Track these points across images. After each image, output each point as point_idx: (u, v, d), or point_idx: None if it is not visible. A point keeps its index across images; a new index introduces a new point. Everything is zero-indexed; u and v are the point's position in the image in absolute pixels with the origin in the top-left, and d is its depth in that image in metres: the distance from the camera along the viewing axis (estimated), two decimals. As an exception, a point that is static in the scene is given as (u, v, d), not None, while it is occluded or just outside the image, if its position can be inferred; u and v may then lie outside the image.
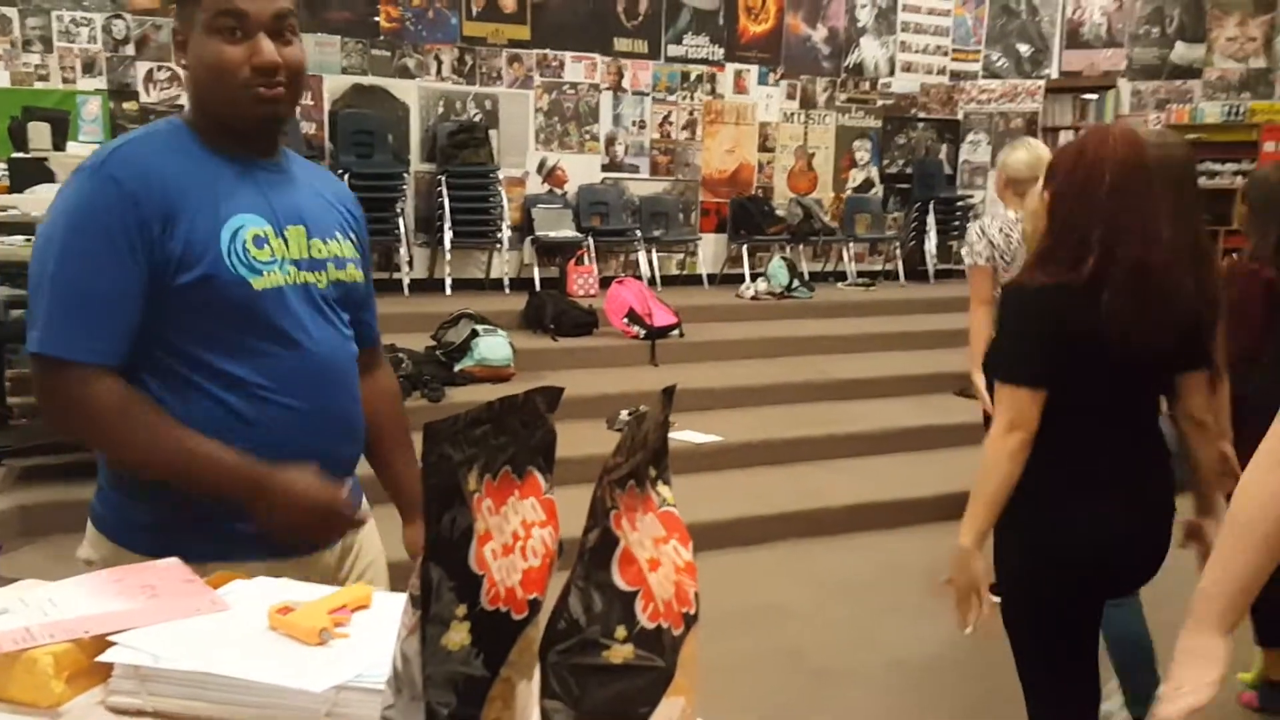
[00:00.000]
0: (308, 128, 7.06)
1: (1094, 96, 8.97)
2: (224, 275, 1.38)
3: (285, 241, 1.45)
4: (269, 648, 1.02)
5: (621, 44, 8.07)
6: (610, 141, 8.12)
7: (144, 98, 6.65)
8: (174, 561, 1.22)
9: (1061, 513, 1.89)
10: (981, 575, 1.94)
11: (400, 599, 0.85)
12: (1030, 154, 3.62)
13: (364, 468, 1.69)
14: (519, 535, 0.87)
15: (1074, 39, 9.14)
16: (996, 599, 2.05)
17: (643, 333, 6.15)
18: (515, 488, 0.89)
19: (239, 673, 0.96)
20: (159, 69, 6.69)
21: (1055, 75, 9.19)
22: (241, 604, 1.12)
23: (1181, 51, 8.77)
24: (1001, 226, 3.59)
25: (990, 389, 1.95)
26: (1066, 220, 1.85)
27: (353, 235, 1.59)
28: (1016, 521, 1.92)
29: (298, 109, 6.98)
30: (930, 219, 8.83)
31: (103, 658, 1.00)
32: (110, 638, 1.02)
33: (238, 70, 1.39)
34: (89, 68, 6.52)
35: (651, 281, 7.62)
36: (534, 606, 0.86)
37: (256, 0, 1.40)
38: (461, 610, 0.80)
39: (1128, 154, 1.83)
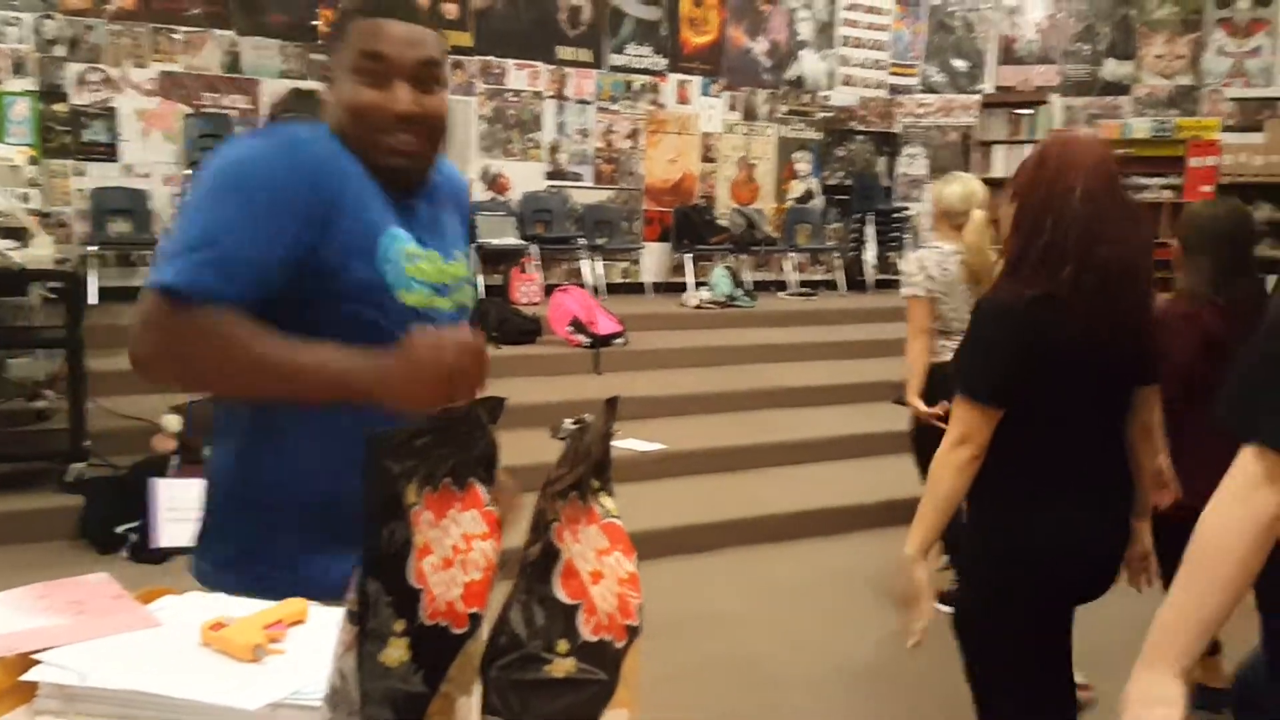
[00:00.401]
0: (244, 131, 6.94)
1: (1028, 112, 9.18)
2: (376, 280, 1.34)
3: (427, 264, 1.42)
4: (201, 665, 0.99)
5: (564, 52, 8.07)
6: (554, 149, 8.11)
7: (74, 100, 6.49)
8: (103, 577, 1.18)
9: (1033, 518, 1.90)
10: (926, 584, 1.95)
11: (339, 613, 0.84)
12: (964, 187, 3.73)
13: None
14: (459, 548, 0.86)
15: (1008, 55, 9.34)
16: (946, 609, 2.06)
17: (587, 341, 6.14)
18: (456, 499, 0.88)
19: (170, 691, 0.93)
20: (90, 71, 6.53)
21: (990, 90, 9.39)
22: (173, 620, 1.09)
23: (1112, 68, 9.01)
24: (939, 260, 3.68)
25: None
26: (1036, 228, 1.84)
27: (463, 244, 1.57)
28: (987, 528, 1.93)
29: (237, 113, 6.89)
30: (869, 230, 8.96)
31: (27, 677, 0.96)
32: (35, 656, 0.99)
33: (375, 115, 1.36)
34: (18, 68, 6.34)
35: (596, 290, 7.62)
36: (475, 621, 0.86)
37: (401, 45, 1.36)
38: (400, 625, 0.79)
39: (1097, 159, 1.86)
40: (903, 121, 9.59)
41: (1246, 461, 1.26)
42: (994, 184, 9.11)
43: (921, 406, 3.68)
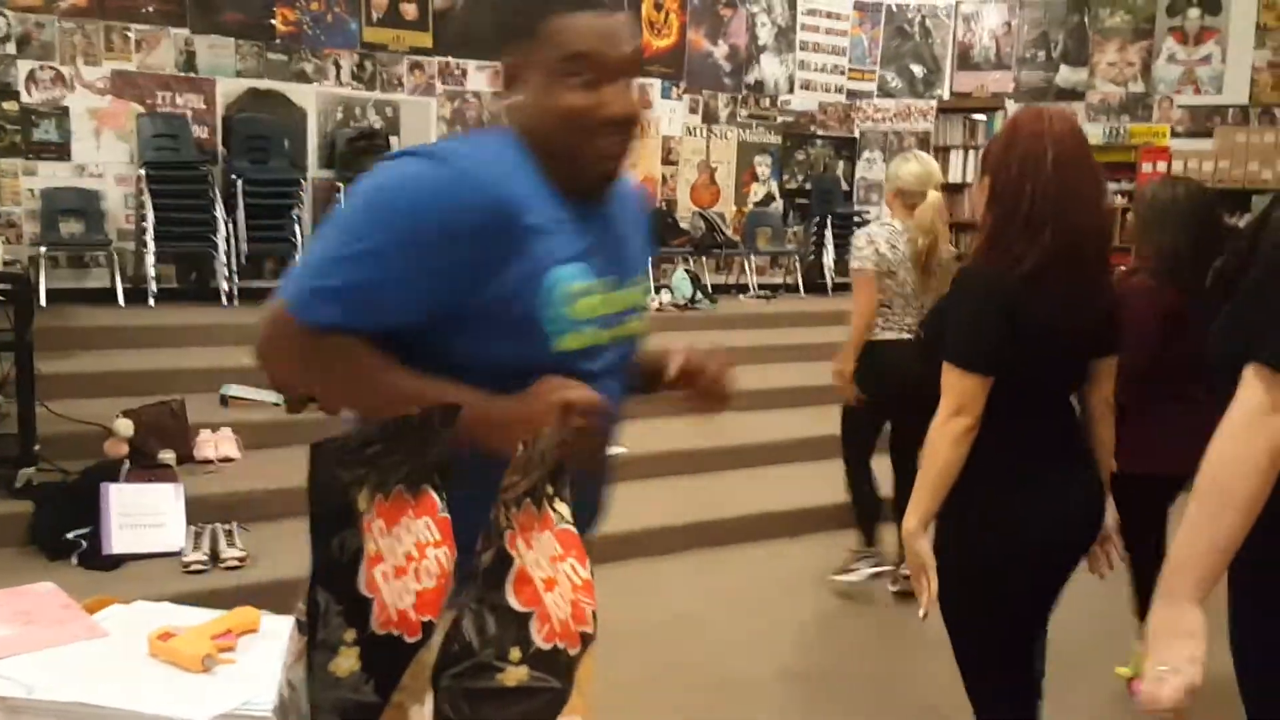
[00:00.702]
0: (199, 131, 6.85)
1: (983, 117, 9.29)
2: (534, 324, 1.26)
3: (601, 296, 1.34)
4: (150, 676, 0.98)
5: (525, 54, 8.04)
6: (514, 151, 8.08)
7: (25, 98, 6.36)
8: (50, 586, 1.16)
9: (1025, 489, 1.93)
10: (930, 556, 1.96)
11: (290, 622, 0.83)
12: (921, 167, 3.71)
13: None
14: (412, 556, 0.86)
15: (964, 61, 9.45)
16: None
17: (546, 344, 6.13)
18: (409, 507, 0.87)
19: (118, 703, 0.92)
20: (42, 69, 6.41)
21: (947, 96, 9.49)
22: (120, 630, 1.07)
23: (1065, 75, 9.15)
24: (888, 237, 3.68)
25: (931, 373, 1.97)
26: (1015, 196, 1.86)
27: (645, 262, 1.51)
28: (972, 505, 1.94)
29: (192, 113, 6.80)
30: (828, 234, 9.02)
31: (-32, 691, 0.94)
32: (-23, 669, 0.97)
33: (584, 120, 1.27)
34: (-36, 65, 6.22)
35: (555, 292, 7.60)
36: (427, 629, 0.85)
37: (607, 42, 1.27)
38: (351, 635, 0.78)
39: (1065, 128, 1.90)
40: (861, 126, 9.68)
41: (1250, 389, 1.28)
42: (952, 189, 9.17)
43: (848, 378, 3.73)
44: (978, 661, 2.06)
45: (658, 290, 7.87)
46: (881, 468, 4.06)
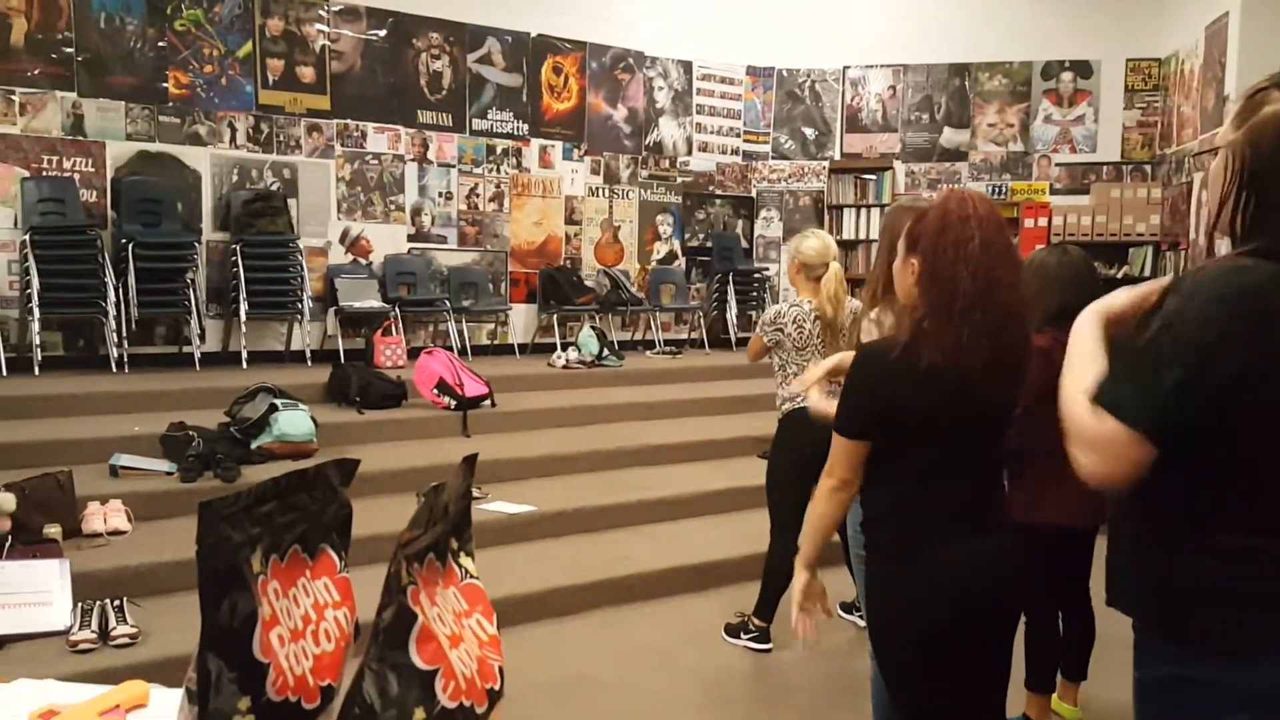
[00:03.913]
0: (87, 195, 6.66)
1: (873, 177, 9.63)
2: None
3: None
4: (30, 758, 0.93)
5: (426, 116, 8.06)
6: (416, 212, 8.06)
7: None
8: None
9: (930, 556, 1.99)
10: (798, 593, 2.16)
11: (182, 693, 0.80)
12: (820, 242, 3.94)
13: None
14: (310, 618, 0.84)
15: (853, 124, 9.81)
16: (859, 621, 2.13)
17: (454, 403, 6.06)
18: (306, 568, 0.86)
19: (-7, 788, 0.87)
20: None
21: (838, 156, 9.82)
22: (0, 710, 1.02)
23: (949, 136, 9.56)
24: (796, 318, 3.83)
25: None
26: (952, 280, 1.94)
27: None
28: (897, 560, 2.01)
29: (79, 176, 6.61)
30: (730, 289, 9.19)
31: None
32: None
33: None
34: None
35: (462, 352, 7.55)
36: (327, 694, 0.83)
37: None
38: (245, 703, 0.76)
39: (989, 211, 2.00)
40: (758, 186, 9.93)
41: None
42: (846, 245, 9.47)
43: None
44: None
45: (564, 348, 7.89)
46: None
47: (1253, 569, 1.32)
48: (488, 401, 6.24)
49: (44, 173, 6.53)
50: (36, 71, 6.50)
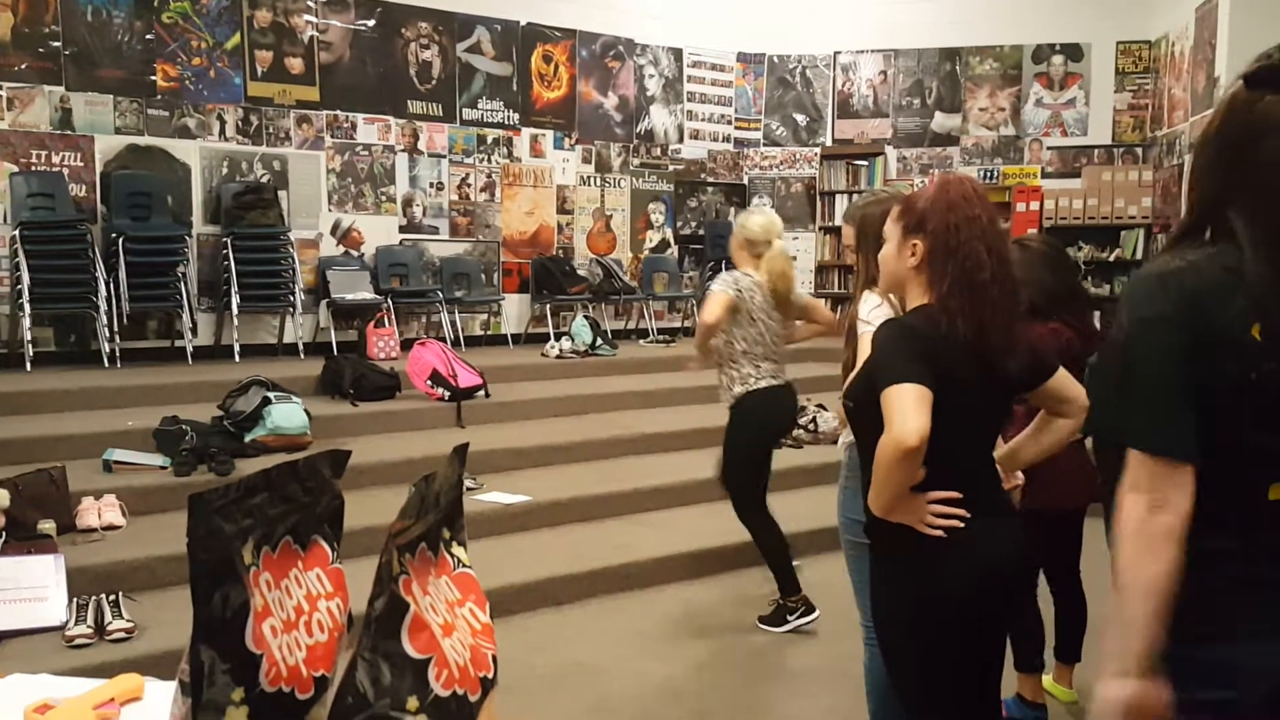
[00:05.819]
0: (76, 189, 6.63)
1: (864, 162, 9.62)
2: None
3: None
4: (25, 752, 0.93)
5: (415, 107, 8.04)
6: (408, 203, 8.03)
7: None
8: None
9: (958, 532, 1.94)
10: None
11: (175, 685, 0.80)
12: (765, 219, 4.03)
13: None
14: (303, 609, 0.84)
15: (845, 110, 9.79)
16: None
17: (447, 394, 6.06)
18: (298, 559, 0.86)
19: (-11, 783, 0.87)
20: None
21: (829, 143, 9.81)
22: (-7, 706, 1.02)
23: (940, 120, 9.55)
24: (747, 287, 3.91)
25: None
26: (971, 258, 1.94)
27: None
28: (907, 550, 1.96)
29: (69, 170, 6.58)
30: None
31: None
32: None
33: None
34: None
35: (455, 342, 7.54)
36: (320, 684, 0.83)
37: None
38: (238, 694, 0.76)
39: (981, 191, 2.04)
40: (749, 173, 9.91)
41: (1134, 476, 1.34)
42: (835, 230, 9.47)
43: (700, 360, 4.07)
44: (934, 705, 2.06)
45: (558, 338, 7.88)
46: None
47: (1224, 555, 1.34)
48: (481, 392, 6.24)
49: (33, 167, 6.50)
50: (24, 65, 6.46)
